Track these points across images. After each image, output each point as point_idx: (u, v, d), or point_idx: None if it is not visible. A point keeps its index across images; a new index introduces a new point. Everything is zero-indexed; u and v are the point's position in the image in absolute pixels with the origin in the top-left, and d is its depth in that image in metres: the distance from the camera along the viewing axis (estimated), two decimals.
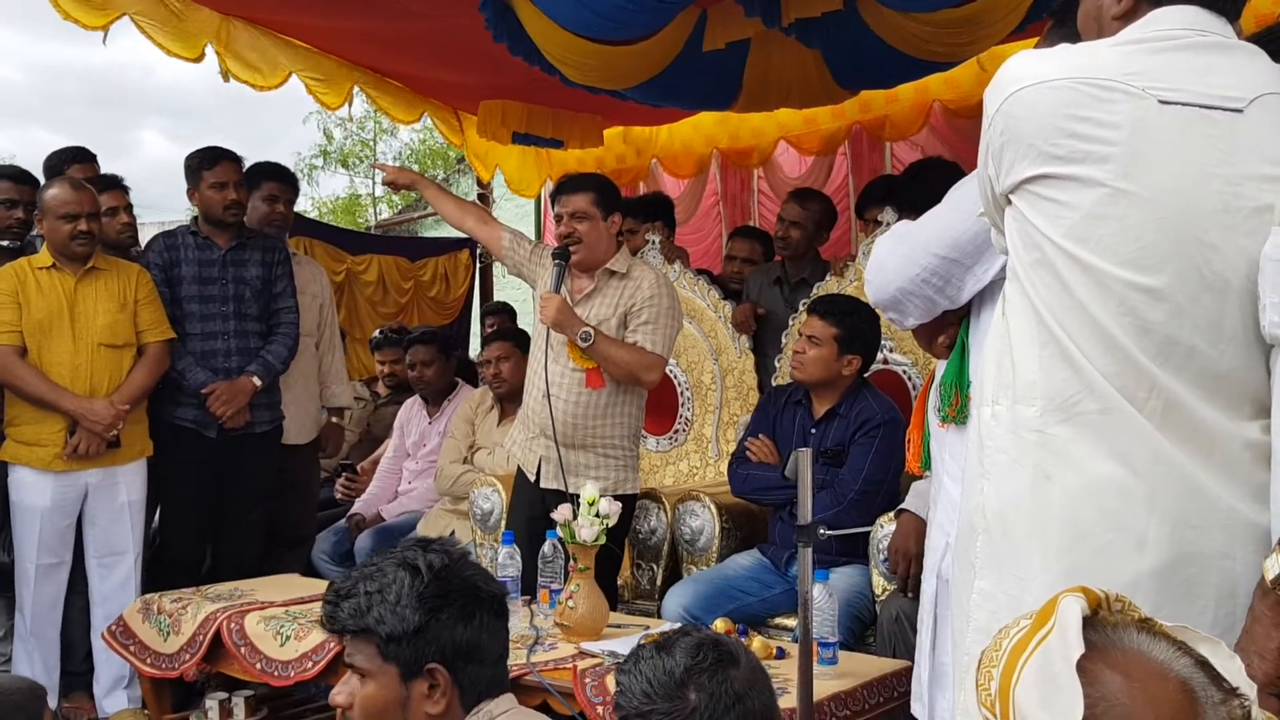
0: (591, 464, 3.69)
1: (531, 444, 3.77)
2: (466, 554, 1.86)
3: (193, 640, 3.40)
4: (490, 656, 1.77)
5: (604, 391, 3.66)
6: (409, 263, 6.63)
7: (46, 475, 3.84)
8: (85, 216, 3.91)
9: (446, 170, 20.17)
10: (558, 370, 3.67)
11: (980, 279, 2.14)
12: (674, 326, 3.73)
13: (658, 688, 1.52)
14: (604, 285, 3.73)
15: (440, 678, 1.71)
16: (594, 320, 3.66)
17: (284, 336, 4.35)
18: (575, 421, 3.66)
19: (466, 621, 1.73)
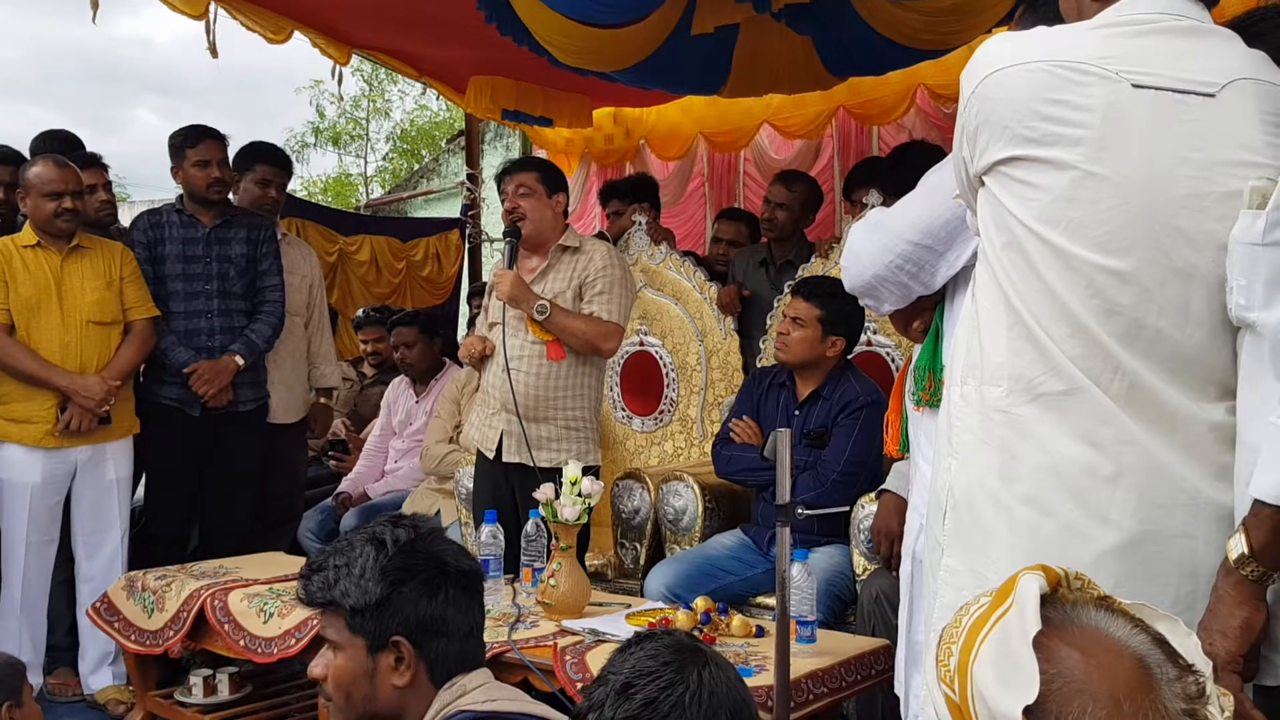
0: (554, 436, 3.76)
1: (491, 420, 3.83)
2: (437, 529, 1.87)
3: (177, 617, 3.42)
4: (458, 631, 1.77)
5: (565, 363, 3.75)
6: (400, 243, 6.63)
7: (37, 452, 3.84)
8: (69, 194, 3.90)
9: (435, 151, 20.11)
10: (516, 344, 3.74)
11: (953, 264, 2.16)
12: (628, 295, 3.86)
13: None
14: (556, 261, 3.82)
15: (404, 650, 1.73)
16: (549, 295, 3.74)
17: (268, 315, 4.35)
18: (538, 394, 3.73)
19: (430, 596, 1.74)
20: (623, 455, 4.74)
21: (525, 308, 3.70)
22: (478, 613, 1.82)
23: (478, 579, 1.84)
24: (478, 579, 1.84)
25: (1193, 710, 1.05)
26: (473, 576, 1.82)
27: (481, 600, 1.85)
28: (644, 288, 4.69)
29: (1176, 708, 1.05)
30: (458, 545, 1.87)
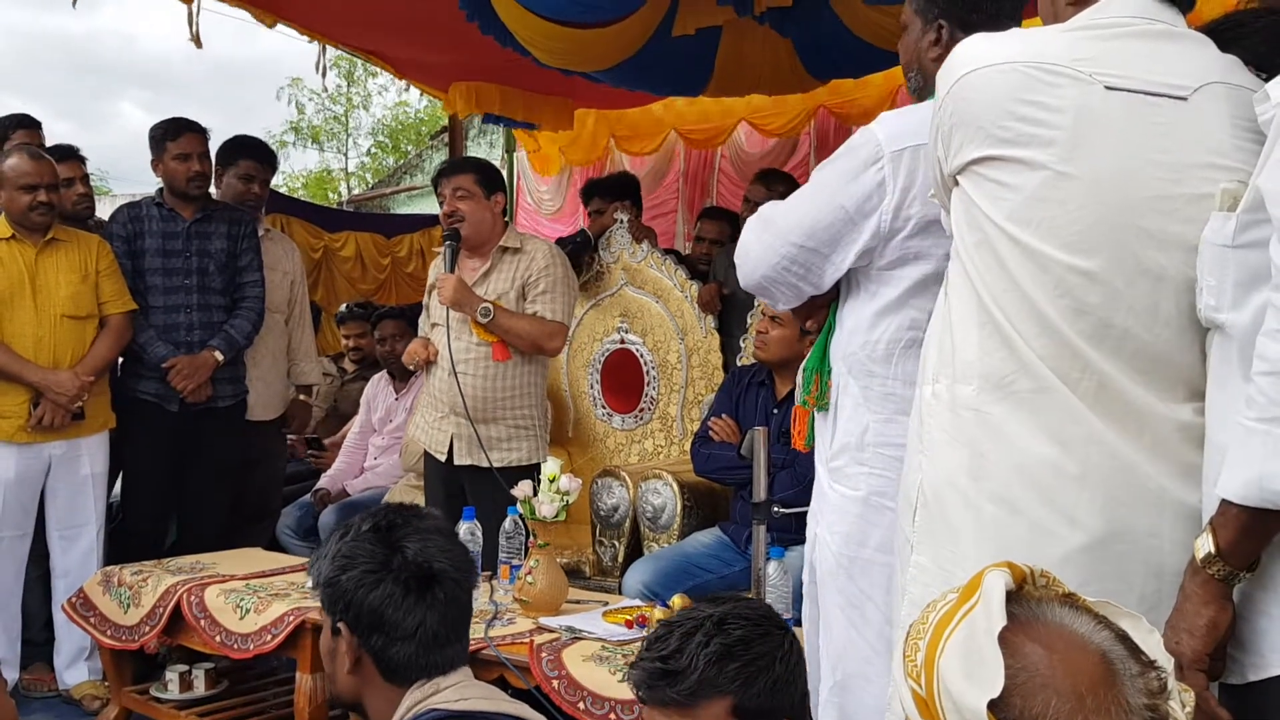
0: (504, 436, 3.82)
1: (440, 424, 3.88)
2: (426, 529, 1.77)
3: (153, 612, 3.41)
4: (400, 630, 1.68)
5: (510, 364, 3.81)
6: (385, 239, 6.63)
7: (10, 447, 3.81)
8: (44, 187, 3.87)
9: (419, 145, 20.07)
10: (461, 347, 3.78)
11: (839, 267, 2.11)
12: (571, 294, 3.93)
13: None
14: (499, 262, 3.86)
15: (345, 636, 1.72)
16: (493, 296, 3.79)
17: (248, 311, 4.33)
18: (486, 395, 3.79)
19: (371, 588, 1.68)
20: (602, 453, 4.75)
21: (469, 311, 3.75)
22: (430, 616, 1.70)
23: (432, 582, 1.72)
24: (432, 582, 1.72)
25: (1154, 705, 1.07)
26: (425, 578, 1.71)
27: (442, 605, 1.73)
28: (625, 285, 4.70)
29: (1139, 702, 1.06)
30: (439, 547, 1.74)
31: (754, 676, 1.48)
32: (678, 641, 1.50)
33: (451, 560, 1.75)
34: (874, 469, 2.10)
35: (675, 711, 1.48)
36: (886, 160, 2.02)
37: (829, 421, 2.22)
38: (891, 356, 2.08)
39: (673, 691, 1.47)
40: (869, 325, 2.11)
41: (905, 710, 1.13)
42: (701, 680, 1.47)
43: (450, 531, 1.80)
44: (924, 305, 2.04)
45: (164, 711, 3.50)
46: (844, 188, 2.06)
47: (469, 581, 1.78)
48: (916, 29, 2.15)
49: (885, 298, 2.09)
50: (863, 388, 2.12)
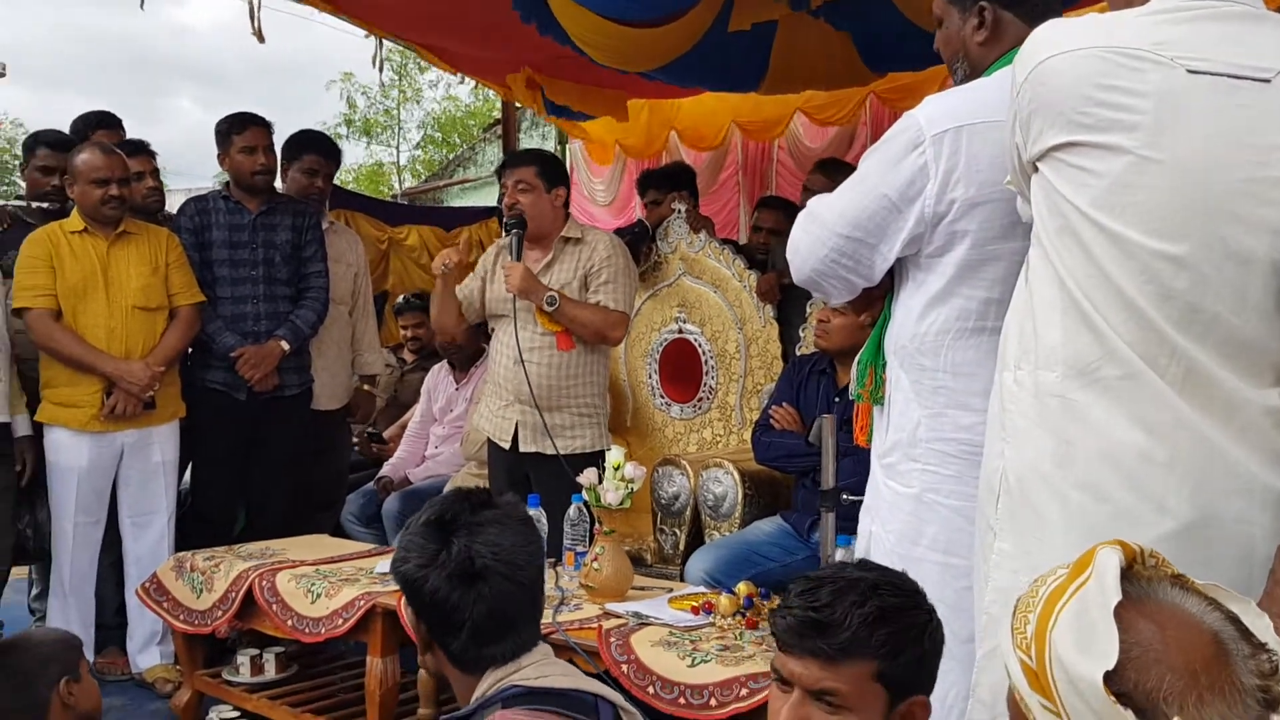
0: (568, 424, 3.87)
1: (505, 411, 3.93)
2: (475, 521, 1.72)
3: (225, 597, 3.47)
4: (452, 624, 1.68)
5: (575, 353, 3.86)
6: (444, 232, 6.69)
7: (83, 436, 3.90)
8: (115, 181, 3.95)
9: (468, 139, 20.19)
10: (527, 336, 3.83)
11: (888, 257, 2.10)
12: (632, 284, 3.99)
13: None
14: (560, 253, 3.91)
15: (413, 621, 1.75)
16: (556, 287, 3.83)
17: (313, 301, 4.39)
18: (551, 384, 3.84)
19: (422, 581, 1.69)
20: (661, 442, 4.76)
21: (535, 299, 3.79)
22: (477, 610, 1.68)
23: (476, 578, 1.68)
24: (476, 578, 1.68)
25: (1267, 686, 1.07)
26: (469, 574, 1.68)
27: (489, 600, 1.69)
28: (683, 275, 4.71)
29: (1251, 683, 1.07)
30: (488, 540, 1.70)
31: (902, 646, 1.48)
32: (829, 596, 1.49)
33: (499, 554, 1.70)
34: (926, 465, 2.09)
35: (819, 665, 1.48)
36: (928, 144, 2.01)
37: (883, 416, 2.22)
38: (940, 348, 2.06)
39: (823, 643, 1.47)
40: (918, 316, 2.10)
41: (1013, 681, 1.15)
42: (854, 639, 1.47)
43: (512, 519, 1.76)
44: (972, 294, 2.03)
45: (235, 694, 3.57)
46: (886, 175, 2.06)
47: (522, 574, 1.72)
48: (955, 18, 2.14)
49: (933, 287, 2.07)
50: (913, 381, 2.11)
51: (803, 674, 1.50)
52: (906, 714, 1.52)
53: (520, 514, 1.78)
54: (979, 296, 2.02)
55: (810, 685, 1.49)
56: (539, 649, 1.75)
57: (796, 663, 1.51)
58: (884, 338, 2.24)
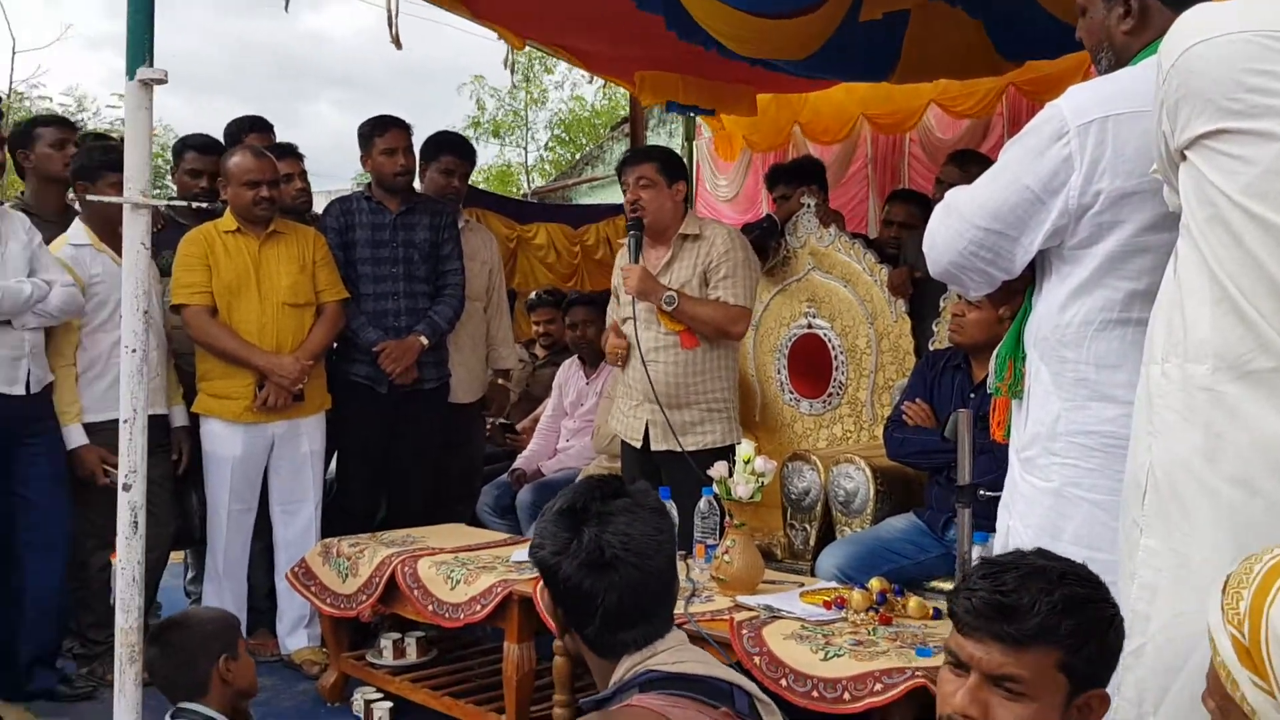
0: (698, 420, 3.92)
1: (635, 411, 4.00)
2: (606, 510, 1.73)
3: (369, 582, 3.61)
4: (585, 611, 1.71)
5: (699, 350, 3.89)
6: (573, 229, 6.80)
7: (237, 427, 4.10)
8: (266, 183, 4.13)
9: (594, 138, 20.39)
10: (651, 336, 3.89)
11: (1029, 249, 2.06)
12: (753, 277, 3.98)
13: None
14: (680, 250, 3.94)
15: (550, 605, 1.78)
16: (677, 284, 3.86)
17: (450, 298, 4.52)
18: (677, 382, 3.89)
19: (555, 569, 1.72)
20: (790, 438, 4.76)
21: (654, 300, 3.84)
22: (609, 598, 1.69)
23: (607, 567, 1.69)
24: (607, 567, 1.69)
25: None
26: (599, 563, 1.69)
27: (620, 588, 1.69)
28: (812, 270, 4.69)
29: None
30: (618, 529, 1.71)
31: (1087, 639, 1.46)
32: (1015, 581, 1.48)
33: (629, 544, 1.70)
34: (1066, 459, 2.05)
35: (1001, 650, 1.46)
36: (1072, 134, 1.97)
37: (1021, 410, 2.18)
38: (1083, 340, 2.03)
39: (1009, 628, 1.46)
40: (1060, 307, 2.06)
41: (1222, 657, 1.15)
42: (1041, 626, 1.45)
43: (643, 507, 1.76)
44: (1118, 284, 1.99)
45: (379, 677, 3.71)
46: (1029, 166, 2.02)
47: (651, 563, 1.72)
48: (1099, 8, 2.09)
49: (1077, 278, 2.03)
50: (1054, 373, 2.07)
51: (983, 658, 1.48)
52: (1084, 706, 1.49)
53: (652, 502, 1.78)
54: (1125, 288, 1.98)
55: (990, 670, 1.47)
56: (673, 635, 1.76)
57: (977, 646, 1.48)
58: (1024, 330, 2.21)
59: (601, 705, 1.69)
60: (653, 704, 1.61)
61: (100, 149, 4.12)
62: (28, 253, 3.73)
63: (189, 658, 2.55)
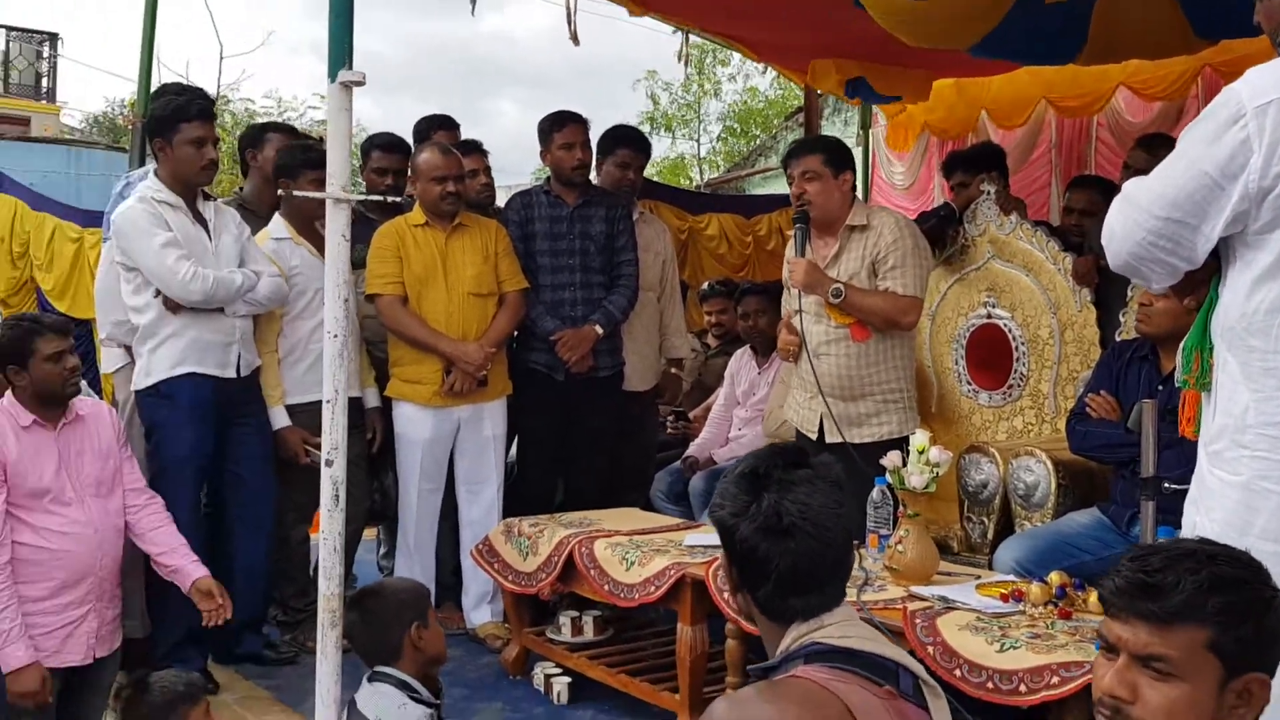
0: (873, 411, 3.90)
1: (810, 404, 3.98)
2: (788, 478, 1.75)
3: (548, 561, 3.75)
4: (760, 573, 1.73)
5: (871, 342, 3.86)
6: (744, 219, 6.82)
7: (426, 410, 4.30)
8: (452, 179, 4.31)
9: (767, 130, 20.31)
10: (820, 330, 3.87)
11: (1210, 237, 1.99)
12: (923, 266, 3.91)
13: None
14: (847, 242, 3.89)
15: (725, 564, 1.81)
16: (845, 276, 3.82)
17: (624, 288, 4.63)
18: (851, 374, 3.87)
19: (734, 530, 1.75)
20: (968, 430, 4.67)
21: (820, 292, 3.82)
22: (784, 563, 1.71)
23: (784, 533, 1.71)
24: (784, 533, 1.71)
25: None
26: (777, 529, 1.71)
27: (794, 554, 1.72)
28: (992, 259, 4.59)
29: None
30: (798, 498, 1.73)
31: (1238, 619, 1.43)
32: (1162, 562, 1.47)
33: (807, 513, 1.72)
34: (1256, 451, 1.99)
35: (1147, 629, 1.45)
36: (1250, 117, 1.92)
37: (1209, 402, 2.12)
38: (1271, 327, 1.97)
39: (1153, 606, 1.45)
40: (1246, 295, 2.00)
41: None
42: (1186, 603, 1.43)
43: (824, 479, 1.77)
44: None
45: (557, 652, 3.84)
46: (1205, 152, 1.98)
47: (829, 534, 1.74)
48: None
49: (1261, 264, 1.98)
50: (1241, 364, 2.01)
51: (1130, 638, 1.47)
52: (1243, 691, 1.45)
53: (833, 475, 1.79)
54: None
55: (1137, 650, 1.46)
56: (842, 609, 1.77)
57: (1123, 627, 1.48)
58: (1210, 320, 2.15)
59: (767, 673, 1.72)
60: (816, 676, 1.63)
61: (301, 148, 4.38)
62: (238, 245, 4.01)
63: (384, 624, 2.71)
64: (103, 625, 3.31)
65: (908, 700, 1.68)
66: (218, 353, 3.93)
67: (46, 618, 3.17)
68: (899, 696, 1.66)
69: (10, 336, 3.23)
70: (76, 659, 3.24)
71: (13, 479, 3.15)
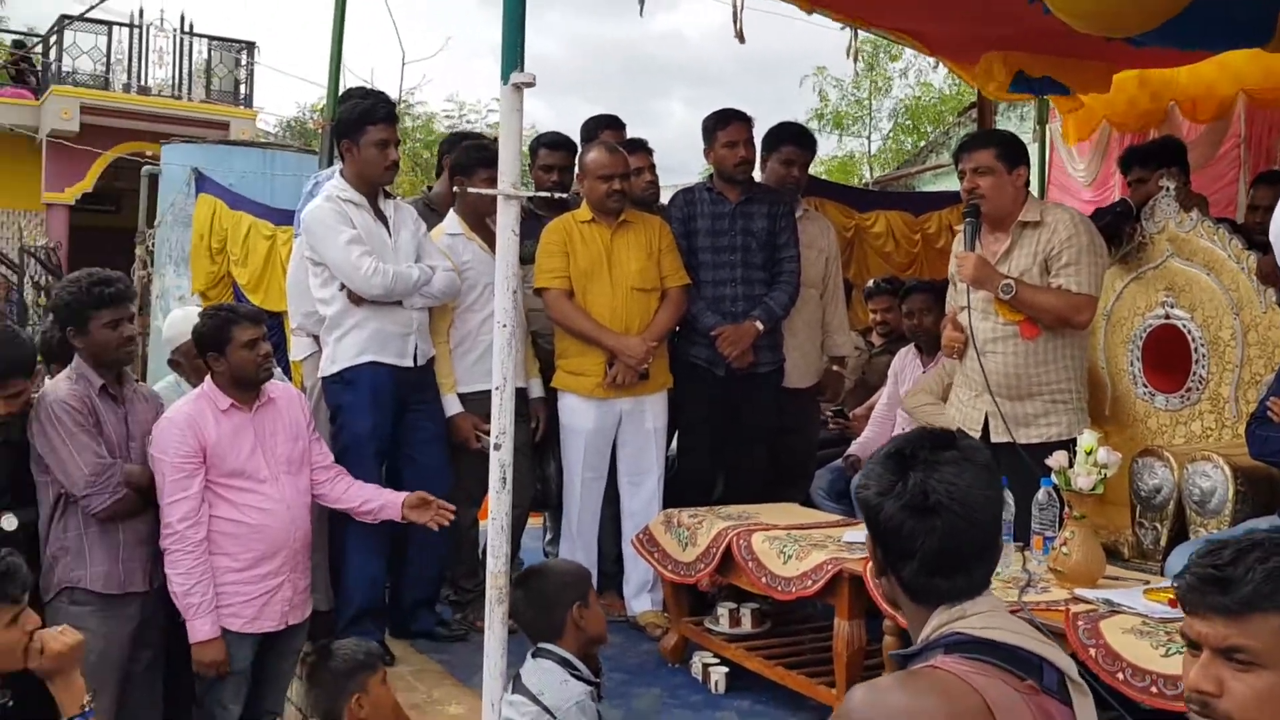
0: (1041, 412, 3.80)
1: (975, 402, 3.90)
2: (935, 459, 1.74)
3: (707, 552, 3.81)
4: (903, 553, 1.72)
5: (1041, 340, 3.75)
6: (913, 217, 6.74)
7: (590, 402, 4.42)
8: (618, 177, 4.43)
9: (939, 127, 19.87)
10: (988, 327, 3.78)
11: None
12: (1098, 263, 3.78)
13: None
14: (1019, 238, 3.79)
15: (870, 545, 1.80)
16: (1016, 273, 3.72)
17: (785, 285, 4.65)
18: (1018, 373, 3.78)
19: (878, 509, 1.74)
20: (1142, 434, 4.51)
21: (990, 288, 3.73)
22: (928, 543, 1.69)
23: (929, 512, 1.69)
24: (929, 512, 1.69)
25: None
26: (922, 508, 1.69)
27: (940, 535, 1.69)
28: (1171, 257, 4.43)
29: None
30: (945, 478, 1.71)
31: None
32: (1232, 555, 1.47)
33: (954, 492, 1.69)
34: None
35: (1224, 621, 1.45)
36: None
37: None
38: None
39: (1225, 599, 1.44)
40: None
41: None
42: (1255, 592, 1.43)
43: (973, 461, 1.74)
44: None
45: (715, 642, 3.90)
46: None
47: (977, 514, 1.71)
48: None
49: None
50: None
51: (1208, 633, 1.46)
52: None
53: (983, 458, 1.76)
54: None
55: (1216, 644, 1.45)
56: (986, 599, 1.73)
57: (1201, 622, 1.47)
58: None
59: (908, 660, 1.72)
60: (955, 668, 1.60)
61: (476, 147, 4.57)
62: (415, 241, 4.22)
63: (548, 602, 2.83)
64: (295, 595, 3.56)
65: (1050, 696, 1.64)
66: (396, 343, 4.14)
67: (245, 587, 3.43)
68: (1041, 692, 1.63)
69: (210, 325, 3.49)
70: (271, 625, 3.50)
71: (212, 459, 3.41)
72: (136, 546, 3.38)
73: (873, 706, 1.58)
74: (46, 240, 15.56)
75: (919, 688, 1.59)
